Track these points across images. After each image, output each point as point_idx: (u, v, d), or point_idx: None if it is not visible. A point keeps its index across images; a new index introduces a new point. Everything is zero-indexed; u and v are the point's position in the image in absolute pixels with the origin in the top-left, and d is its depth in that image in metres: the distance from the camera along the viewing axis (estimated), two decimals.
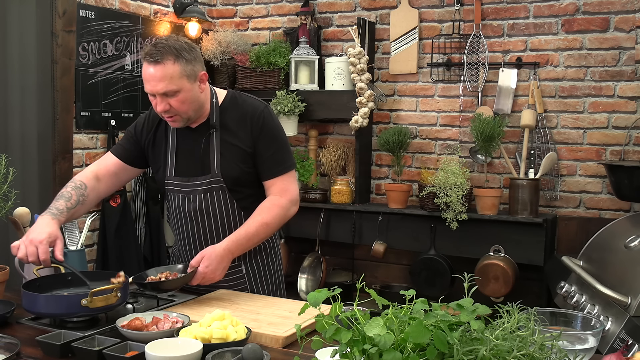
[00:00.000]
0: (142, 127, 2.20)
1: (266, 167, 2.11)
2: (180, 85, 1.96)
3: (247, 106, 2.12)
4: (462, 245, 3.45)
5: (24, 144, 3.07)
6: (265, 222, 2.06)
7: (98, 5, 3.45)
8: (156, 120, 2.18)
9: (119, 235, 3.48)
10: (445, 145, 3.75)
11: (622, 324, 2.38)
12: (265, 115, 2.11)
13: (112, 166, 2.19)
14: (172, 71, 1.95)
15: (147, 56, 1.96)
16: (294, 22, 4.08)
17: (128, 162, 2.21)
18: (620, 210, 3.37)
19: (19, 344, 1.50)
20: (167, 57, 1.94)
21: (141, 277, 1.98)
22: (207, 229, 2.12)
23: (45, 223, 1.91)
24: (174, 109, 2.00)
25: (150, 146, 2.19)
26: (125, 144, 2.22)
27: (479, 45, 3.58)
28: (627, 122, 3.32)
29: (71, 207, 2.02)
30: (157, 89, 1.96)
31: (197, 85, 2.02)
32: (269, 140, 2.10)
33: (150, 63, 1.95)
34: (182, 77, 1.96)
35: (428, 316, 1.06)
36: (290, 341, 1.66)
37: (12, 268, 2.00)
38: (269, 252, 2.24)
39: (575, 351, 1.29)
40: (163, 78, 1.94)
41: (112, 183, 2.21)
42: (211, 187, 2.09)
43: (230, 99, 2.15)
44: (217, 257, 1.97)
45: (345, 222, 3.73)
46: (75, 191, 2.06)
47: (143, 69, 1.98)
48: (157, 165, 2.19)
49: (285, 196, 2.11)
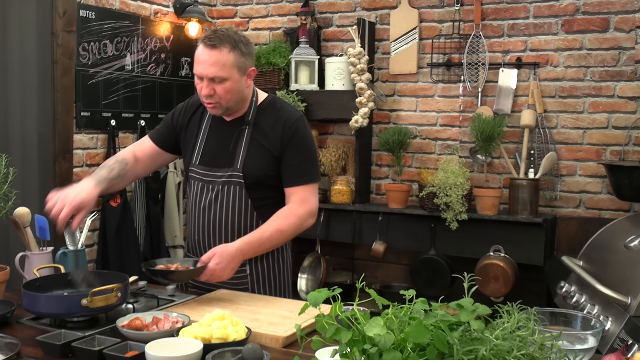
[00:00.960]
0: (180, 113, 2.25)
1: (290, 174, 2.12)
2: (229, 74, 2.00)
3: (283, 112, 2.15)
4: (462, 245, 3.45)
5: (24, 144, 3.07)
6: (281, 229, 2.07)
7: (98, 6, 3.46)
8: (194, 107, 2.23)
9: (119, 235, 3.48)
10: (445, 145, 3.75)
11: (622, 324, 2.38)
12: (299, 125, 2.13)
13: (148, 149, 2.26)
14: (226, 59, 1.99)
15: (206, 39, 2.00)
16: (294, 22, 4.08)
17: (163, 148, 2.26)
18: (620, 210, 3.37)
19: (19, 344, 1.50)
20: (224, 44, 1.98)
21: (151, 265, 1.99)
22: (217, 222, 2.13)
23: (86, 188, 2.00)
24: (217, 95, 2.03)
25: (183, 131, 2.23)
26: (161, 129, 2.28)
27: (479, 45, 3.58)
28: (627, 122, 3.32)
29: (113, 177, 2.11)
30: (208, 72, 1.99)
31: (244, 79, 2.06)
32: (298, 149, 2.11)
33: (207, 46, 1.99)
34: (234, 67, 2.00)
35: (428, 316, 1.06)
36: (290, 341, 1.66)
37: (12, 268, 2.00)
38: (277, 257, 2.23)
39: (575, 351, 1.29)
40: (216, 63, 1.98)
41: (148, 165, 2.29)
42: (230, 181, 2.10)
43: (269, 102, 2.18)
44: (229, 257, 1.98)
45: (345, 222, 3.73)
46: (118, 165, 2.15)
47: (198, 51, 2.02)
48: (186, 151, 2.23)
49: (304, 207, 2.12)
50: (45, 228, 2.14)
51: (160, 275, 1.94)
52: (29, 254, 2.06)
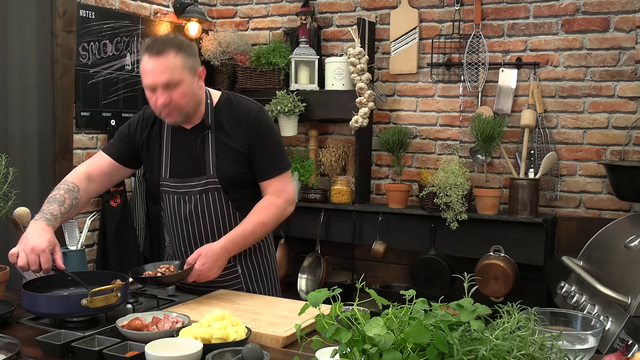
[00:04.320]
0: (136, 127, 2.18)
1: (262, 168, 2.11)
2: (181, 77, 1.97)
3: (242, 107, 2.12)
4: (462, 245, 3.45)
5: (24, 144, 3.07)
6: (262, 222, 2.07)
7: (98, 5, 3.45)
8: (150, 119, 2.16)
9: (119, 235, 3.48)
10: (445, 145, 3.75)
11: (622, 324, 2.38)
12: (260, 117, 2.11)
13: (105, 166, 2.16)
14: (175, 63, 1.95)
15: (149, 49, 1.96)
16: (294, 22, 4.08)
17: (121, 162, 2.18)
18: (620, 210, 3.37)
19: (19, 344, 1.50)
20: (169, 49, 1.95)
21: (138, 272, 1.98)
22: (202, 230, 2.12)
23: (42, 230, 1.85)
24: (174, 103, 1.98)
25: (145, 146, 2.17)
26: (119, 144, 2.19)
27: (479, 45, 3.58)
28: (627, 122, 3.32)
29: (64, 212, 1.97)
30: (160, 80, 1.94)
31: (196, 80, 2.04)
32: (264, 142, 2.10)
33: (151, 55, 1.95)
34: (184, 69, 1.98)
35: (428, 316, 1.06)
36: (290, 341, 1.66)
37: (12, 268, 2.00)
38: (264, 252, 2.25)
39: (575, 351, 1.29)
40: (165, 69, 1.94)
41: (104, 183, 2.18)
42: (207, 188, 2.09)
43: (224, 100, 2.15)
44: (214, 256, 1.98)
45: (345, 222, 3.73)
46: (69, 194, 2.01)
47: (143, 63, 1.97)
48: (151, 166, 2.18)
49: (282, 196, 2.13)
50: None
51: (148, 282, 1.93)
52: None
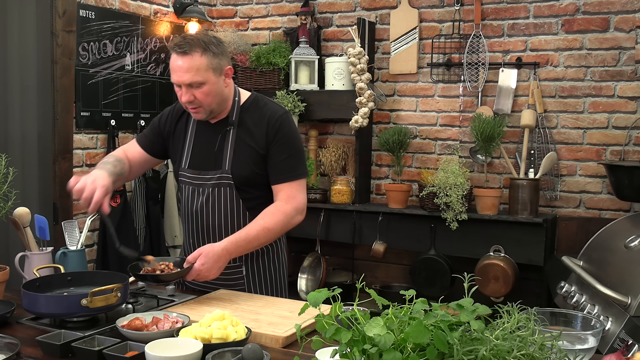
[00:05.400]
0: (166, 119, 2.26)
1: (276, 172, 2.11)
2: (205, 78, 2.00)
3: (267, 109, 2.14)
4: (462, 245, 3.45)
5: (24, 144, 3.07)
6: (267, 227, 2.06)
7: (98, 5, 3.45)
8: (180, 112, 2.23)
9: (119, 235, 3.46)
10: (445, 145, 3.75)
11: (622, 324, 2.38)
12: (283, 121, 2.12)
13: (137, 154, 2.27)
14: (199, 63, 1.99)
15: (176, 47, 2.00)
16: (294, 22, 4.08)
17: (151, 153, 2.28)
18: (620, 210, 3.37)
19: (19, 344, 1.50)
20: (195, 49, 1.98)
21: (137, 267, 1.99)
22: (210, 225, 2.13)
23: (105, 175, 1.99)
24: (198, 101, 2.03)
25: (171, 137, 2.24)
26: (149, 135, 2.29)
27: (479, 45, 3.58)
28: (627, 122, 3.32)
29: (117, 173, 2.10)
30: (183, 79, 2.00)
31: (222, 79, 2.06)
32: (283, 146, 2.11)
33: (178, 54, 2.00)
34: (209, 69, 2.00)
35: (428, 316, 1.06)
36: (290, 341, 1.66)
37: (12, 268, 2.00)
38: (272, 256, 2.23)
39: (575, 351, 1.29)
40: (190, 69, 1.98)
41: (137, 170, 2.31)
42: (220, 183, 2.10)
43: (252, 101, 2.18)
44: (214, 256, 1.98)
45: (345, 222, 3.73)
46: (118, 163, 2.14)
47: (171, 59, 2.03)
48: (175, 157, 2.24)
49: (291, 203, 2.11)
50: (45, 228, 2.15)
51: (146, 278, 1.94)
52: (29, 254, 2.06)
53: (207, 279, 2.01)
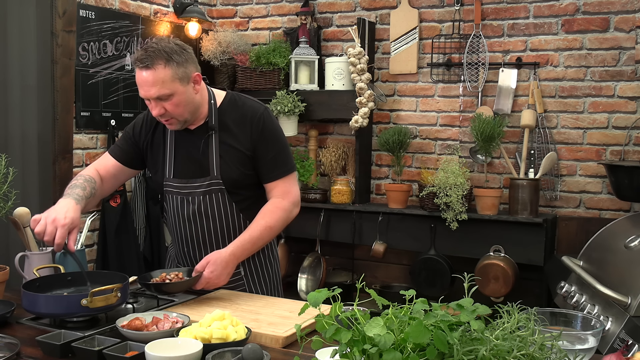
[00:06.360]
0: (141, 128, 2.19)
1: (267, 170, 2.10)
2: (172, 89, 1.95)
3: (246, 108, 2.11)
4: (462, 245, 3.45)
5: (24, 144, 3.07)
6: (269, 226, 2.07)
7: (98, 5, 3.45)
8: (154, 120, 2.16)
9: (119, 236, 3.48)
10: (445, 145, 3.75)
11: (622, 324, 2.38)
12: (265, 118, 2.10)
13: (111, 167, 2.19)
14: (164, 75, 1.93)
15: (138, 62, 1.94)
16: (294, 22, 4.08)
17: (126, 164, 2.20)
18: (620, 210, 3.37)
19: (19, 344, 1.50)
20: (157, 62, 1.92)
21: (145, 278, 1.98)
22: (205, 231, 2.12)
23: (70, 207, 1.88)
24: (169, 113, 1.99)
25: (149, 147, 2.18)
26: (123, 146, 2.21)
27: (479, 45, 3.58)
28: (627, 122, 3.32)
29: (87, 196, 2.01)
30: (150, 93, 1.95)
31: (190, 87, 2.01)
32: (270, 143, 2.09)
33: (141, 68, 1.94)
34: (175, 80, 1.95)
35: (428, 316, 1.06)
36: (290, 341, 1.66)
37: (12, 268, 2.00)
38: (267, 253, 2.24)
39: (575, 351, 1.29)
40: (155, 83, 1.93)
41: (112, 184, 2.22)
42: (210, 190, 2.08)
43: (229, 101, 2.14)
44: (223, 263, 1.98)
45: (345, 222, 3.73)
46: (88, 184, 2.05)
47: (136, 74, 1.97)
48: (155, 167, 2.18)
49: (288, 198, 2.11)
50: None
51: (155, 288, 1.93)
52: (29, 254, 2.06)
53: (217, 286, 2.00)
